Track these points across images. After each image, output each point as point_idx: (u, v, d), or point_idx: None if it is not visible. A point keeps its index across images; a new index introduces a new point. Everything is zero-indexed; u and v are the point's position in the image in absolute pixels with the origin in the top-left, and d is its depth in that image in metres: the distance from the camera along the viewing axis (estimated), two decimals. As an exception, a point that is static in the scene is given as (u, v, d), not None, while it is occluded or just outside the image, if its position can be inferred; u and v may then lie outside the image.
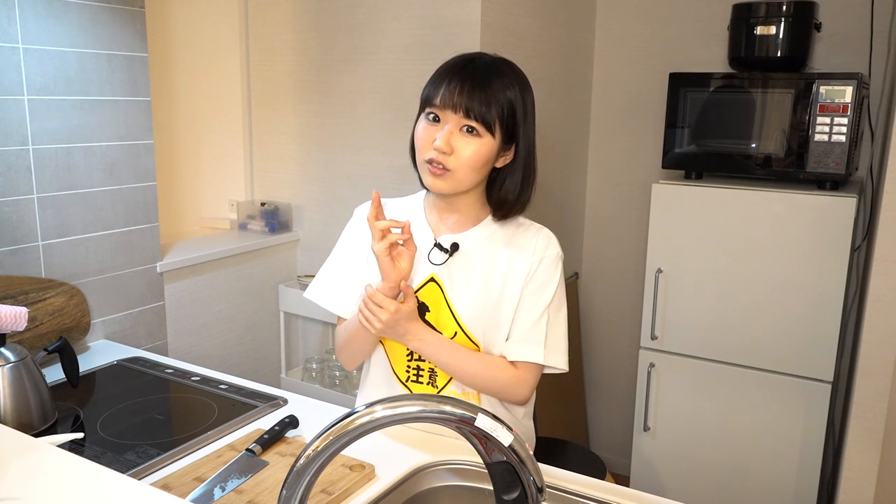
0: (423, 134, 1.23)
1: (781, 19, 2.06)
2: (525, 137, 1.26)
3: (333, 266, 1.39)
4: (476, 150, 1.20)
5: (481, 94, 1.19)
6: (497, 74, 1.22)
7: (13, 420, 1.31)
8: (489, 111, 1.19)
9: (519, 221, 1.34)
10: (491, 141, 1.21)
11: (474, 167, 1.22)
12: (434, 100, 1.21)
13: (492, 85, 1.20)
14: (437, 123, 1.22)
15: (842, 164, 1.97)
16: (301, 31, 2.33)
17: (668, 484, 2.31)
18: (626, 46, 2.69)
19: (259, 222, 2.44)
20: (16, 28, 1.59)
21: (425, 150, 1.22)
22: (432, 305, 1.30)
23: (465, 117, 1.19)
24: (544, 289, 1.29)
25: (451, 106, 1.19)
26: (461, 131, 1.21)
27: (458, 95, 1.19)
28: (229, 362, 2.28)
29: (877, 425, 1.70)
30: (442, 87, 1.21)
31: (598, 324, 2.95)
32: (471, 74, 1.21)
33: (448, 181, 1.22)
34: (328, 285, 1.38)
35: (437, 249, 1.30)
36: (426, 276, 1.30)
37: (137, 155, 1.89)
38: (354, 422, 0.71)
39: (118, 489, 0.93)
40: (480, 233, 1.31)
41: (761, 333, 2.08)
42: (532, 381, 1.30)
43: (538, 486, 0.76)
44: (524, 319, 1.28)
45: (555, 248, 1.31)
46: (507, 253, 1.30)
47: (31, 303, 1.62)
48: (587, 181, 2.87)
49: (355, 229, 1.38)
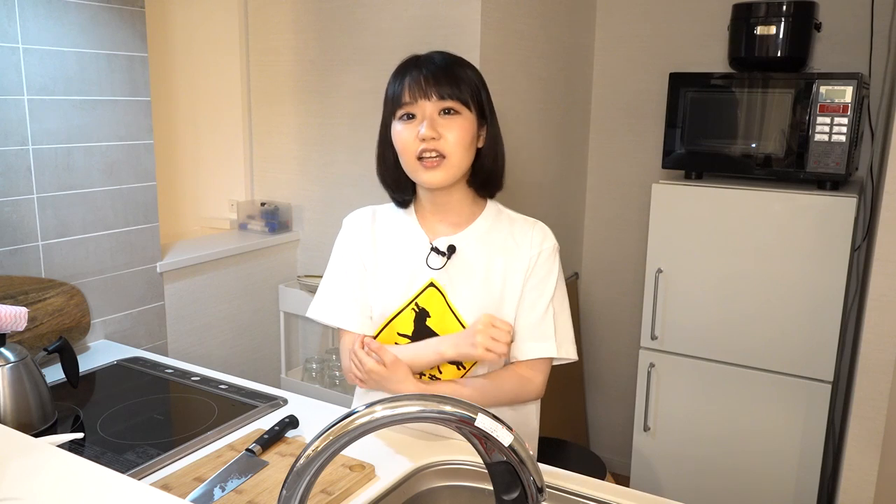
0: (403, 135, 1.23)
1: (781, 19, 2.06)
2: (493, 117, 1.29)
3: (332, 280, 1.36)
4: (461, 125, 1.22)
5: (448, 77, 1.22)
6: (454, 61, 1.26)
7: (13, 420, 1.31)
8: (461, 90, 1.22)
9: (511, 217, 1.34)
10: (470, 116, 1.23)
11: (464, 145, 1.22)
12: (403, 97, 1.22)
13: (454, 69, 1.24)
14: (412, 120, 1.22)
15: (842, 164, 1.97)
16: (301, 31, 2.33)
17: (668, 484, 2.31)
18: (626, 46, 2.69)
19: (259, 222, 2.44)
20: (16, 28, 1.59)
21: (411, 148, 1.22)
22: (433, 311, 1.28)
23: (440, 100, 1.21)
24: (545, 282, 1.29)
25: (423, 95, 1.21)
26: (440, 115, 1.21)
27: (426, 84, 1.21)
28: (229, 362, 2.28)
29: (877, 425, 1.70)
30: (406, 84, 1.22)
31: (598, 324, 2.95)
32: (430, 64, 1.23)
33: (444, 169, 1.22)
34: (331, 301, 1.35)
35: (435, 254, 1.29)
36: (425, 282, 1.28)
37: (137, 155, 1.89)
38: (354, 422, 0.71)
39: (118, 489, 0.93)
40: (475, 232, 1.30)
41: (761, 333, 2.08)
42: (542, 376, 1.30)
43: (538, 486, 0.76)
44: (530, 316, 1.28)
45: (551, 240, 1.31)
46: (505, 249, 1.29)
47: (31, 303, 1.62)
48: (587, 181, 2.87)
49: (347, 239, 1.36)
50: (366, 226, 1.35)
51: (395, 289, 1.30)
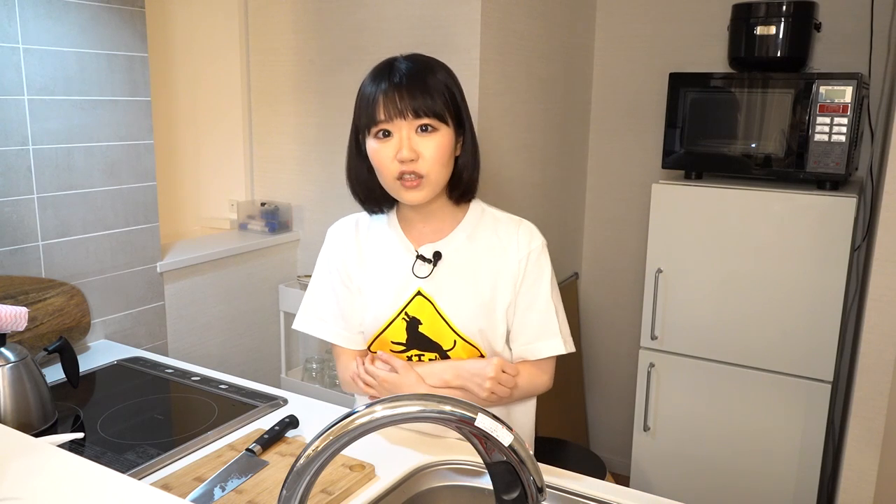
0: (381, 154, 1.20)
1: (781, 19, 2.06)
2: (468, 121, 1.26)
3: (316, 294, 1.36)
4: (438, 144, 1.19)
5: (421, 90, 1.17)
6: (423, 67, 1.21)
7: (13, 420, 1.31)
8: (436, 103, 1.18)
9: (496, 216, 1.32)
10: (448, 130, 1.20)
11: (442, 162, 1.20)
12: (377, 116, 1.18)
13: (425, 78, 1.19)
14: (388, 138, 1.19)
15: (842, 164, 1.97)
16: (301, 31, 2.33)
17: (668, 484, 2.31)
18: (626, 46, 2.69)
19: (259, 222, 2.44)
20: (16, 28, 1.59)
21: (390, 169, 1.19)
22: (424, 319, 1.27)
23: (416, 118, 1.17)
24: (540, 281, 1.29)
25: (398, 113, 1.17)
26: (417, 133, 1.19)
27: (400, 101, 1.17)
28: (229, 362, 2.28)
29: (877, 425, 1.70)
30: (379, 101, 1.18)
31: (598, 324, 2.95)
32: (401, 77, 1.18)
33: (424, 189, 1.20)
34: (315, 314, 1.36)
35: (420, 261, 1.28)
36: (413, 291, 1.27)
37: (137, 155, 1.89)
38: (354, 422, 0.72)
39: (118, 489, 0.93)
40: (460, 236, 1.29)
41: (761, 333, 2.08)
42: (552, 370, 1.33)
43: (538, 486, 0.76)
44: (531, 316, 1.28)
45: (538, 239, 1.30)
46: (491, 250, 1.29)
47: (31, 303, 1.62)
48: (587, 181, 2.87)
49: (330, 254, 1.36)
50: (349, 237, 1.35)
51: (384, 299, 1.29)
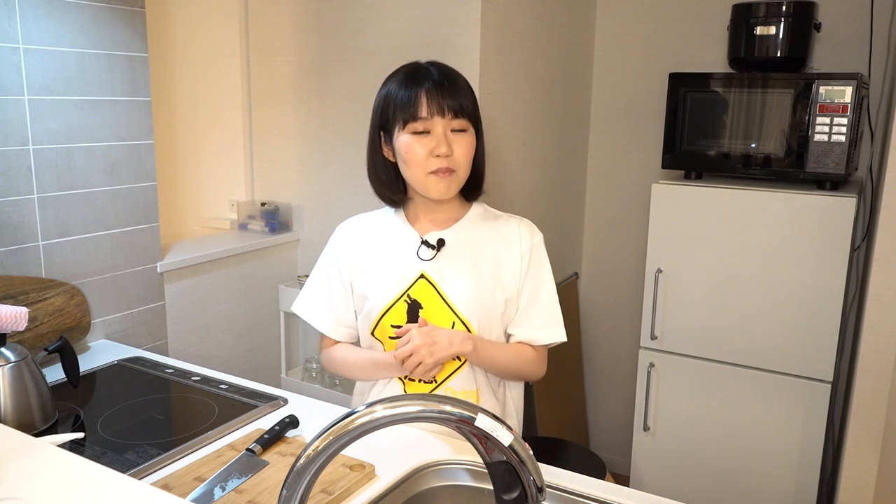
0: (416, 150, 1.27)
1: (781, 19, 2.06)
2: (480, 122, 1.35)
3: (317, 284, 1.45)
4: (469, 143, 1.29)
5: (457, 93, 1.27)
6: (451, 71, 1.31)
7: (13, 420, 1.31)
8: (464, 105, 1.27)
9: (496, 214, 1.41)
10: (472, 132, 1.30)
11: (469, 161, 1.30)
12: (418, 113, 1.25)
13: (457, 81, 1.29)
14: (425, 136, 1.26)
15: (841, 164, 1.97)
16: (301, 31, 2.33)
17: (668, 484, 2.31)
18: (626, 46, 2.69)
19: (259, 222, 2.44)
20: (16, 28, 1.59)
21: (425, 164, 1.27)
22: (425, 301, 1.33)
23: (454, 117, 1.26)
24: (542, 272, 1.37)
25: (439, 111, 1.25)
26: (451, 132, 1.27)
27: (442, 99, 1.25)
28: (229, 362, 2.28)
29: (877, 425, 1.70)
30: (422, 99, 1.25)
31: (597, 324, 2.95)
32: (440, 77, 1.27)
33: (453, 182, 1.29)
34: (313, 302, 1.45)
35: (425, 246, 1.34)
36: (416, 274, 1.34)
37: (137, 155, 1.89)
38: (354, 422, 0.72)
39: (118, 489, 0.93)
40: (464, 227, 1.37)
41: (761, 333, 2.09)
42: (545, 358, 1.39)
43: (538, 486, 0.76)
44: (535, 306, 1.35)
45: (538, 234, 1.39)
46: (492, 241, 1.36)
47: (31, 303, 1.62)
48: (587, 181, 2.87)
49: (335, 252, 1.43)
50: (354, 234, 1.43)
51: (387, 283, 1.35)
